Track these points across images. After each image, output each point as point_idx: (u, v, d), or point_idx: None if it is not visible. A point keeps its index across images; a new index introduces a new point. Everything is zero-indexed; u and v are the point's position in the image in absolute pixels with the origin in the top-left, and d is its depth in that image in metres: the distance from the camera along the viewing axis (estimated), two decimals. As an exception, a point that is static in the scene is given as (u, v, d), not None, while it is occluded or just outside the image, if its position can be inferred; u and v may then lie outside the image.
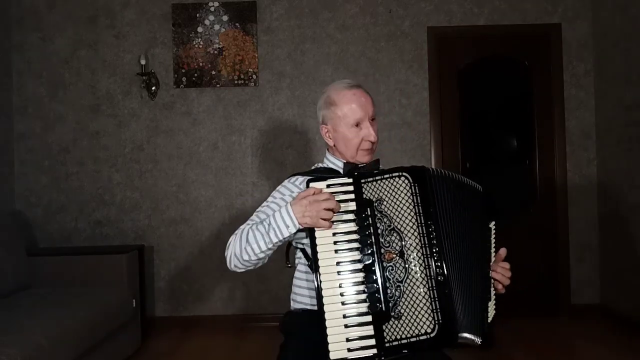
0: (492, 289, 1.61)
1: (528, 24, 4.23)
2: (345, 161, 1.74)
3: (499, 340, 3.53)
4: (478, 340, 1.48)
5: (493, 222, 1.66)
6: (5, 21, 4.11)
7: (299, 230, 1.56)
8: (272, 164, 4.20)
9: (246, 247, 1.58)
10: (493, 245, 1.65)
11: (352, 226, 1.51)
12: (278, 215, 1.55)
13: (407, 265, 1.46)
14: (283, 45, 4.22)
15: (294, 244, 1.78)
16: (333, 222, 1.51)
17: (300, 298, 1.74)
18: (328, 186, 1.54)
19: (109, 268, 3.47)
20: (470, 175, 1.67)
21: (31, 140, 4.16)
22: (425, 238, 1.48)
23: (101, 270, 3.47)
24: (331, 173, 1.73)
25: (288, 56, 4.22)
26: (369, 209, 1.51)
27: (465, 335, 1.46)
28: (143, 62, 4.07)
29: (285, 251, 1.85)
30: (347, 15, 4.22)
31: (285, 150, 4.21)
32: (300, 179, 1.72)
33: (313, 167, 1.85)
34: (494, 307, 1.59)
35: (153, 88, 4.14)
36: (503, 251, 1.65)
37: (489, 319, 1.55)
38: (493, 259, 1.63)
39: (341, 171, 1.74)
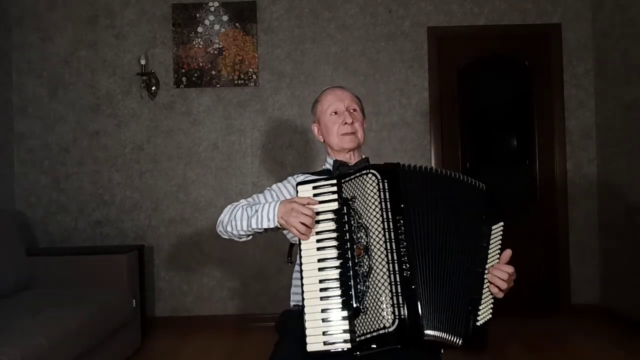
0: (487, 291, 1.56)
1: (528, 24, 4.23)
2: (334, 159, 1.86)
3: (499, 340, 3.54)
4: (457, 340, 1.46)
5: (501, 224, 1.62)
6: (5, 21, 4.11)
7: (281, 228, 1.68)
8: (272, 164, 4.20)
9: (232, 221, 1.74)
10: (498, 247, 1.61)
11: (332, 225, 1.57)
12: (266, 208, 1.67)
13: (370, 261, 1.49)
14: (283, 45, 4.22)
15: (292, 240, 1.82)
16: (317, 231, 1.58)
17: (297, 290, 1.80)
18: (314, 188, 1.62)
19: (109, 268, 3.47)
20: (470, 176, 1.65)
21: (31, 140, 4.16)
22: (392, 233, 1.49)
23: (101, 270, 3.46)
24: (328, 174, 1.81)
25: (288, 56, 4.22)
26: (345, 207, 1.57)
27: (432, 332, 1.44)
28: (143, 62, 4.07)
29: (288, 249, 1.89)
30: (347, 15, 4.22)
31: (285, 150, 4.21)
32: (300, 177, 1.86)
33: (320, 170, 1.97)
34: (490, 311, 1.55)
35: (153, 88, 4.14)
36: (507, 254, 1.60)
37: (480, 322, 1.52)
38: (496, 260, 1.59)
39: None
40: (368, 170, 1.56)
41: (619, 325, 3.83)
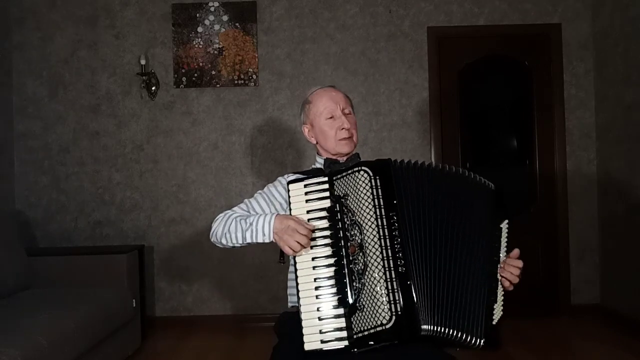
0: (500, 288, 1.57)
1: (528, 24, 4.23)
2: (325, 157, 1.85)
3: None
4: (475, 340, 1.45)
5: (506, 222, 1.62)
6: (5, 21, 4.11)
7: None
8: (272, 164, 4.20)
9: (226, 234, 1.71)
10: (505, 244, 1.61)
11: (325, 223, 1.56)
12: (261, 221, 1.63)
13: (365, 258, 1.48)
14: (283, 45, 4.22)
15: None
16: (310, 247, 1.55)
17: (293, 291, 1.79)
18: (305, 186, 1.61)
19: (109, 268, 3.47)
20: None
21: (31, 140, 4.16)
22: (385, 230, 1.48)
23: (101, 270, 3.47)
24: (320, 172, 1.79)
25: (288, 56, 4.22)
26: (337, 204, 1.56)
27: (431, 327, 1.43)
28: (143, 62, 4.07)
29: (280, 249, 1.88)
30: (347, 15, 4.22)
31: (285, 150, 4.21)
32: (291, 176, 1.84)
33: (309, 169, 1.94)
34: (502, 308, 1.56)
35: (153, 88, 4.15)
36: (516, 252, 1.62)
37: (494, 321, 1.52)
38: (503, 258, 1.60)
39: None
40: (360, 167, 1.55)
41: (619, 325, 3.83)
